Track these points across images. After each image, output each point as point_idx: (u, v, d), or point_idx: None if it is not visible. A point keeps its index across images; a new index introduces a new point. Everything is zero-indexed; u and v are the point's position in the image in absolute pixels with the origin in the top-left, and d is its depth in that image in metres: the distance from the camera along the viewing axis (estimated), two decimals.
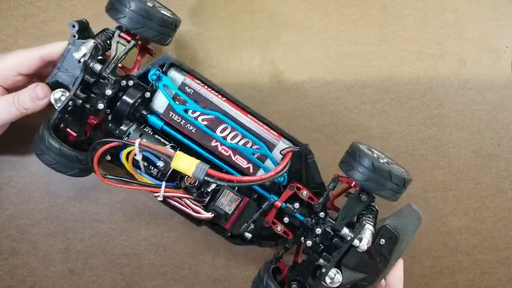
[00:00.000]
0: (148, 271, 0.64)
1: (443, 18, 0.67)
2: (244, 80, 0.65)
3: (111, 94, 0.50)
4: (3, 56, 0.54)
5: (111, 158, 0.52)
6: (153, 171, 0.51)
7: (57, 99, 0.52)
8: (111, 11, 0.51)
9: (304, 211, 0.55)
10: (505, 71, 0.67)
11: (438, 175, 0.65)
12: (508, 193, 0.66)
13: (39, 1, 0.64)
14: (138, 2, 0.49)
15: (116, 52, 0.52)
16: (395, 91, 0.66)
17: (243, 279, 0.64)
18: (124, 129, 0.52)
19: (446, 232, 0.66)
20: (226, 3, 0.66)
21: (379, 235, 0.51)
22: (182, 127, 0.53)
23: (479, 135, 0.66)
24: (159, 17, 0.50)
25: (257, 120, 0.54)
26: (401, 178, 0.49)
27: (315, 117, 0.65)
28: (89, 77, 0.51)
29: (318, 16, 0.67)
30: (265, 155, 0.54)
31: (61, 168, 0.51)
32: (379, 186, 0.49)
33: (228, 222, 0.53)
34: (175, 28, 0.54)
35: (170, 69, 0.53)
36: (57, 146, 0.50)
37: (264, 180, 0.49)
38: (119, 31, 0.52)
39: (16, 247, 0.63)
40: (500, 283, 0.66)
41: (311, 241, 0.52)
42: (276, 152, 0.54)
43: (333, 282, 0.50)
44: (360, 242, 0.49)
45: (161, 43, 0.53)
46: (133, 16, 0.49)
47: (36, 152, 0.51)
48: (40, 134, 0.51)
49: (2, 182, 0.63)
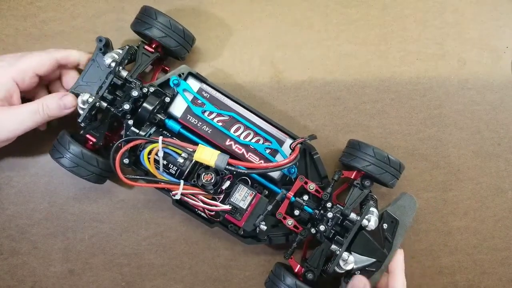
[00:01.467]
0: (148, 271, 0.64)
1: (443, 18, 0.67)
2: (244, 80, 0.65)
3: (137, 95, 0.54)
4: (20, 57, 0.55)
5: (129, 161, 0.56)
6: (171, 170, 0.54)
7: (85, 101, 0.54)
8: (137, 24, 0.58)
9: (312, 204, 0.58)
10: (505, 71, 0.67)
11: (438, 175, 0.65)
12: (508, 193, 0.66)
13: (39, 1, 0.64)
14: (163, 15, 0.57)
15: (141, 61, 0.58)
16: (395, 91, 0.66)
17: (243, 279, 0.64)
18: (143, 134, 0.55)
19: (446, 232, 0.66)
20: (226, 3, 0.66)
21: (381, 220, 0.56)
22: (199, 129, 0.58)
23: (479, 135, 0.66)
24: (180, 28, 0.58)
25: (266, 121, 0.59)
26: (397, 162, 0.56)
27: (315, 117, 0.65)
28: (117, 79, 0.55)
29: (318, 16, 0.67)
30: (276, 149, 0.58)
31: (80, 171, 0.55)
32: (380, 169, 0.55)
33: (242, 219, 0.55)
34: (192, 42, 0.61)
35: (188, 78, 0.59)
36: (78, 148, 0.54)
37: (280, 166, 0.52)
38: (143, 44, 0.59)
39: (16, 247, 0.63)
40: (500, 283, 0.66)
41: (324, 226, 0.56)
42: (285, 148, 0.58)
43: (347, 263, 0.54)
44: (368, 222, 0.54)
45: (179, 55, 0.60)
46: (158, 26, 0.56)
47: (55, 156, 0.55)
48: (61, 139, 0.55)
49: (2, 182, 0.63)
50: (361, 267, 0.55)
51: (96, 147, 0.57)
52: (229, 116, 0.58)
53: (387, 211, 0.57)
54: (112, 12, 0.65)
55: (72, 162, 0.54)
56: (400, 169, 0.56)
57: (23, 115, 0.54)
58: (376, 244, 0.55)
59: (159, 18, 0.57)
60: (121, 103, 0.54)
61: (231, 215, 0.55)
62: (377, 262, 0.55)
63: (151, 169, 0.54)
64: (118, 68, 0.55)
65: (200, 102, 0.58)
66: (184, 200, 0.54)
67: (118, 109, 0.55)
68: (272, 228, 0.59)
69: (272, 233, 0.59)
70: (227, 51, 0.66)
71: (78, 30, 0.64)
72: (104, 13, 0.65)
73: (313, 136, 0.56)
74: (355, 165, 0.56)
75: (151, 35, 0.57)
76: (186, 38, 0.59)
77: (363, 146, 0.56)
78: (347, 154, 0.58)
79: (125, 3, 0.65)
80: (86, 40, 0.64)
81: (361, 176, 0.57)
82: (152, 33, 0.57)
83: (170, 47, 0.57)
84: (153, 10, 0.57)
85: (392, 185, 0.57)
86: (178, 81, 0.58)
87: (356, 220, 0.55)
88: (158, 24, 0.56)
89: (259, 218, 0.55)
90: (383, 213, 0.57)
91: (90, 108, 0.53)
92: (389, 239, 0.56)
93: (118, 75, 0.55)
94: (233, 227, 0.57)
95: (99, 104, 0.54)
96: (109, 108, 0.55)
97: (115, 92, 0.56)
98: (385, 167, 0.55)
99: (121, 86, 0.56)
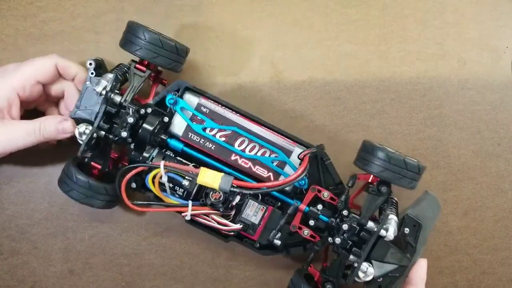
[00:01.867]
0: (148, 271, 0.64)
1: (443, 18, 0.67)
2: (244, 80, 0.65)
3: (133, 122, 0.53)
4: (18, 66, 0.54)
5: (136, 185, 0.55)
6: (178, 192, 0.54)
7: (82, 133, 0.54)
8: (126, 45, 0.54)
9: (327, 212, 0.55)
10: (505, 71, 0.67)
11: (438, 175, 0.65)
12: (508, 193, 0.66)
13: (39, 1, 0.64)
14: (152, 33, 0.53)
15: (133, 83, 0.55)
16: (395, 91, 0.66)
17: (243, 279, 0.64)
18: (146, 155, 0.55)
19: (446, 232, 0.66)
20: (226, 3, 0.66)
21: (402, 224, 0.53)
22: (202, 146, 0.56)
23: (479, 135, 0.66)
24: (171, 45, 0.54)
25: (271, 130, 0.57)
26: (415, 165, 0.51)
27: (315, 117, 0.65)
28: (110, 108, 0.54)
29: (318, 16, 0.67)
30: (284, 161, 0.56)
31: (90, 201, 0.54)
32: (396, 175, 0.51)
33: (256, 233, 0.55)
34: (186, 55, 0.57)
35: (185, 93, 0.57)
36: (85, 180, 0.53)
37: (287, 183, 0.51)
38: (134, 63, 0.56)
39: (16, 247, 0.63)
40: (500, 283, 0.66)
41: (340, 238, 0.54)
42: (294, 158, 0.56)
43: (366, 275, 0.51)
44: (387, 232, 0.51)
45: (174, 71, 0.56)
46: (148, 46, 0.52)
47: (64, 189, 0.54)
48: (67, 171, 0.54)
49: (2, 182, 0.63)
50: (384, 274, 0.52)
51: (103, 172, 0.57)
52: (231, 130, 0.56)
53: (408, 215, 0.53)
54: (112, 12, 0.65)
55: (81, 194, 0.54)
56: (419, 171, 0.52)
57: (16, 133, 0.52)
58: (397, 250, 0.52)
59: (148, 37, 0.52)
60: (119, 130, 0.54)
61: (244, 231, 0.55)
62: (400, 268, 0.52)
63: (158, 194, 0.53)
64: (110, 95, 0.53)
65: (199, 119, 0.56)
66: (196, 220, 0.54)
67: (116, 137, 0.54)
68: (289, 236, 0.57)
69: (289, 241, 0.57)
70: (227, 51, 0.66)
71: (78, 30, 0.64)
72: (104, 13, 0.65)
73: (322, 146, 0.55)
74: (369, 170, 0.52)
75: (141, 56, 0.53)
76: (180, 53, 0.55)
77: (376, 150, 0.52)
78: (361, 158, 0.54)
79: (125, 3, 0.65)
80: (86, 40, 0.64)
81: (377, 182, 0.54)
82: (142, 54, 0.53)
83: (163, 66, 0.54)
84: (140, 29, 0.52)
85: (412, 188, 0.53)
86: (174, 99, 0.55)
87: (374, 231, 0.52)
88: (147, 44, 0.52)
89: (272, 233, 0.55)
90: (404, 216, 0.53)
91: (88, 140, 0.53)
92: (412, 243, 0.53)
93: (111, 102, 0.54)
94: (249, 241, 0.57)
95: (96, 134, 0.54)
96: (107, 136, 0.54)
97: (111, 120, 0.55)
98: (402, 172, 0.51)
99: (117, 113, 0.55)
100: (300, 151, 0.56)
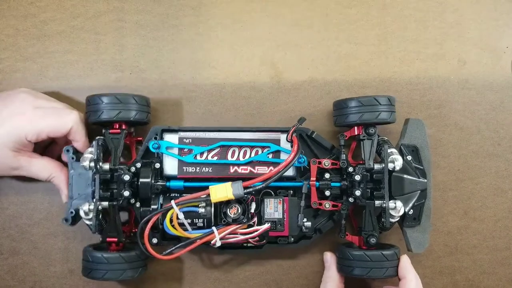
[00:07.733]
0: (148, 271, 0.64)
1: (443, 18, 0.67)
2: (244, 80, 0.65)
3: (129, 179, 0.55)
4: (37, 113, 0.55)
5: (158, 240, 0.57)
6: (198, 224, 0.55)
7: (87, 211, 0.55)
8: (90, 117, 0.57)
9: (336, 178, 0.59)
10: (505, 71, 0.67)
11: (438, 175, 0.65)
12: (508, 193, 0.66)
13: (39, 1, 0.64)
14: (108, 96, 0.56)
15: (114, 146, 0.57)
16: (395, 91, 0.66)
17: (243, 279, 0.64)
18: (155, 206, 0.56)
19: (446, 232, 0.66)
20: (226, 3, 0.66)
21: (402, 154, 0.58)
22: (200, 174, 0.58)
23: (479, 135, 0.66)
24: (129, 98, 0.57)
25: (252, 131, 0.60)
26: (386, 98, 0.57)
27: (315, 117, 0.65)
28: (104, 175, 0.55)
29: (318, 16, 0.67)
30: (277, 150, 0.59)
31: (112, 275, 0.55)
32: (374, 113, 0.56)
33: (285, 227, 0.57)
34: (148, 104, 0.60)
35: (163, 135, 0.59)
36: (116, 255, 0.55)
37: (290, 162, 0.55)
38: (107, 130, 0.57)
39: (16, 247, 0.63)
40: (500, 283, 0.66)
41: (359, 190, 0.57)
42: (284, 145, 0.59)
43: (397, 210, 0.55)
44: (394, 163, 0.56)
45: (142, 120, 0.58)
46: (108, 107, 0.56)
47: (98, 276, 0.55)
48: (91, 258, 0.55)
49: (2, 182, 0.63)
50: (411, 206, 0.57)
51: (121, 243, 0.58)
52: (219, 146, 0.58)
53: (402, 144, 0.58)
54: (112, 12, 0.65)
55: (119, 271, 0.55)
56: (392, 102, 0.57)
57: (33, 168, 0.57)
58: (411, 178, 0.57)
59: (106, 100, 0.56)
60: (120, 192, 0.55)
61: (273, 230, 0.56)
62: (422, 193, 0.57)
63: (181, 234, 0.55)
64: (99, 164, 0.54)
65: (187, 151, 0.58)
66: (226, 243, 0.55)
67: (120, 201, 0.55)
68: (315, 218, 0.60)
69: (317, 223, 0.60)
70: (227, 51, 0.66)
71: (78, 30, 0.64)
72: (104, 13, 0.65)
73: (303, 119, 0.57)
74: (350, 122, 0.57)
75: (106, 118, 0.56)
76: (140, 102, 0.58)
77: (346, 101, 0.58)
78: (338, 117, 0.59)
79: (125, 3, 0.65)
80: (86, 40, 0.64)
81: (362, 129, 0.58)
82: (106, 116, 0.56)
83: (130, 118, 0.56)
84: (96, 97, 0.56)
85: (393, 120, 0.58)
86: (157, 144, 0.58)
87: (382, 169, 0.56)
88: (107, 106, 0.56)
89: (299, 217, 0.56)
90: (400, 147, 0.58)
91: (96, 215, 0.54)
92: (419, 166, 0.58)
93: (102, 170, 0.55)
94: (282, 239, 0.58)
95: (101, 206, 0.55)
96: (112, 204, 0.55)
97: (109, 187, 0.56)
98: (378, 108, 0.56)
99: (111, 178, 0.56)
100: (285, 136, 0.58)
